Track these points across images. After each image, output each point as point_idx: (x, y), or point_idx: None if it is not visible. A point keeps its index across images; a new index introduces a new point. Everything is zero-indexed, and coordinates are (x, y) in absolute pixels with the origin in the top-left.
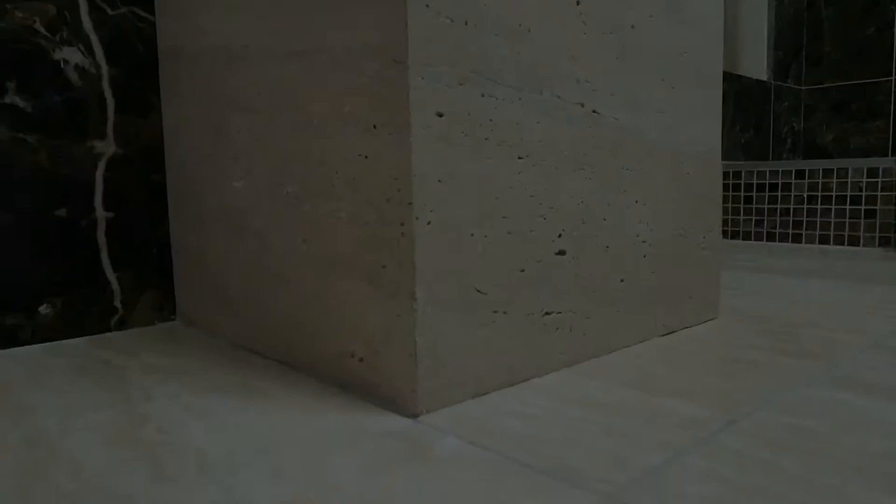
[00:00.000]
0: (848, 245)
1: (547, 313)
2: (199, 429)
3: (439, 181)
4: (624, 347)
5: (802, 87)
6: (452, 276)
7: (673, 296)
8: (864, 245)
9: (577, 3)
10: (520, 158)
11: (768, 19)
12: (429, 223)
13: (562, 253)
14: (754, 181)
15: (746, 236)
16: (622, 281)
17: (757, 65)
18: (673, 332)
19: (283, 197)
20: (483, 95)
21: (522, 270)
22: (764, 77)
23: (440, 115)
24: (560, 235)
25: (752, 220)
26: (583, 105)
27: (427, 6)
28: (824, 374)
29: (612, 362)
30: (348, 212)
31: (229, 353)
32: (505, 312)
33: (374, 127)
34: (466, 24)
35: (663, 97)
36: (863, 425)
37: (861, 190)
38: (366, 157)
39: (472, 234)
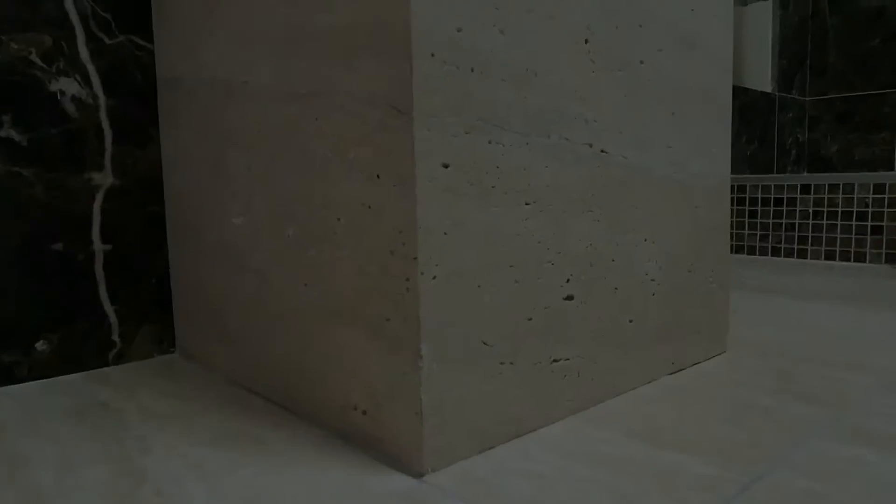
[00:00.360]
0: (854, 261)
1: (555, 360)
2: (197, 489)
3: (445, 233)
4: (632, 389)
5: (807, 98)
6: (458, 330)
7: (681, 333)
8: (870, 261)
9: (586, 42)
10: (527, 204)
11: (772, 29)
12: (434, 277)
13: (570, 298)
14: (759, 195)
15: (751, 251)
16: (631, 322)
17: (761, 77)
18: (681, 369)
19: (284, 238)
20: (490, 143)
21: (530, 319)
22: (768, 89)
23: (446, 166)
24: (568, 280)
25: (756, 234)
26: (591, 146)
27: (432, 55)
28: (835, 424)
29: (619, 408)
30: (351, 260)
31: (228, 392)
32: (512, 363)
33: (378, 176)
34: (472, 71)
35: (672, 131)
36: (878, 487)
37: (867, 206)
38: (369, 206)
39: (478, 286)
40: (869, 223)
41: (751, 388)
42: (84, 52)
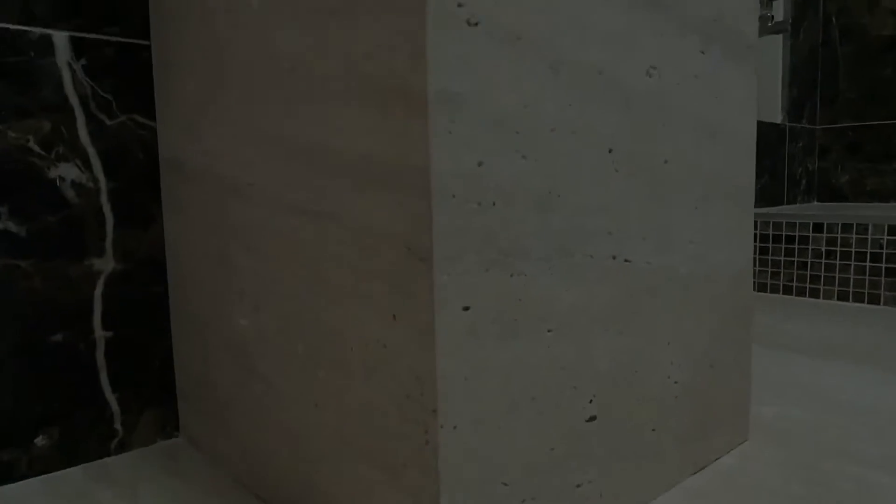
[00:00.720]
0: (868, 303)
1: (577, 486)
2: None
3: (465, 379)
4: (652, 500)
5: (817, 127)
6: (479, 476)
7: (704, 431)
8: (884, 304)
9: (610, 152)
10: (549, 332)
11: (783, 58)
12: (455, 427)
13: (592, 419)
14: (770, 232)
15: (762, 288)
16: (653, 430)
17: (771, 109)
18: (703, 467)
19: (294, 353)
20: (511, 276)
21: (552, 449)
22: (778, 119)
23: (466, 309)
24: (591, 401)
25: (767, 271)
26: (614, 257)
27: (453, 196)
28: None
29: None
30: (364, 394)
31: (234, 496)
32: (534, 499)
33: (394, 317)
34: (494, 204)
35: (695, 226)
36: None
37: (882, 247)
38: (384, 345)
39: (499, 427)
40: (883, 265)
41: (774, 495)
42: (84, 135)
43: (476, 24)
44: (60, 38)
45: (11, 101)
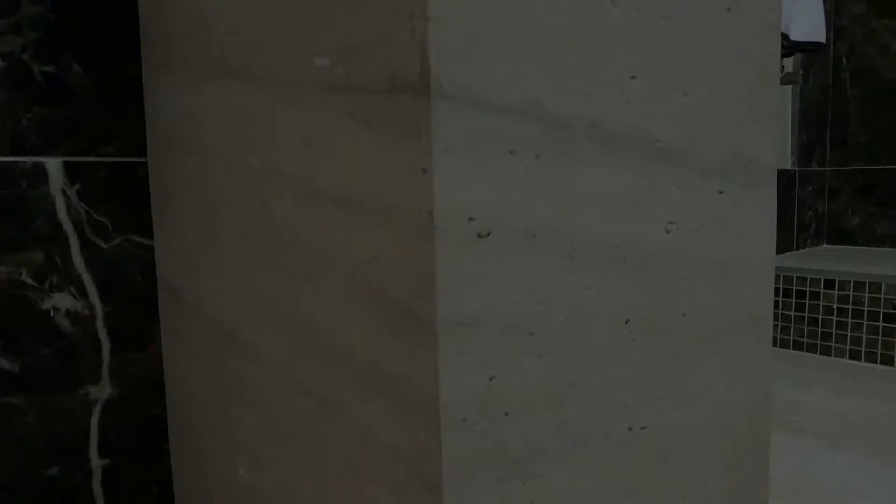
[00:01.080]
0: (881, 364)
1: None
2: None
3: None
4: None
5: (826, 169)
6: None
7: None
8: None
9: (626, 323)
10: None
11: (792, 101)
12: None
13: None
14: (780, 285)
15: (773, 343)
16: None
17: (781, 156)
18: None
19: None
20: (525, 483)
21: None
22: (787, 165)
23: None
24: None
25: (778, 325)
26: (630, 429)
27: (464, 420)
28: None
29: None
30: None
31: None
32: None
33: None
34: (507, 415)
35: (712, 371)
36: None
37: (895, 307)
38: None
39: None
40: None
41: None
42: (79, 262)
43: (488, 235)
44: (53, 164)
45: (3, 234)
